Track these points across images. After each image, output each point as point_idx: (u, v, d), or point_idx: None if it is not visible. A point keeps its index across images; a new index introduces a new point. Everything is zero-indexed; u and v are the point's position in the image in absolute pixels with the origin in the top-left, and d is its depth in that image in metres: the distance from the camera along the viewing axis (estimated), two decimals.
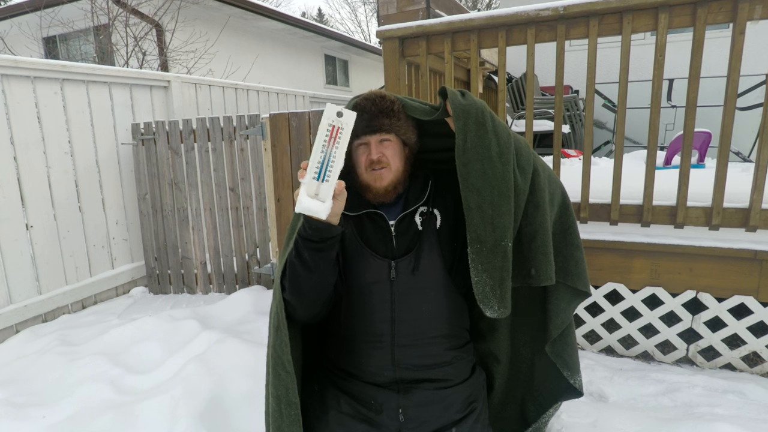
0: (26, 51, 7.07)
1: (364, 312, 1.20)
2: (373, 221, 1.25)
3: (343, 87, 10.91)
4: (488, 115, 1.15)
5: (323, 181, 0.90)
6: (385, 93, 1.24)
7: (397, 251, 1.22)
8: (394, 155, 1.23)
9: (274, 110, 4.96)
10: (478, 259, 1.12)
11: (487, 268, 1.12)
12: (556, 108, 2.09)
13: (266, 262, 3.18)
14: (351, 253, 1.22)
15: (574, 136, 4.87)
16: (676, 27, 1.86)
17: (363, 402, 1.18)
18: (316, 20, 22.99)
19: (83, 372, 2.05)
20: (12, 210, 2.65)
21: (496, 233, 1.11)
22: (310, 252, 1.04)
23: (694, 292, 1.96)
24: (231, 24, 7.44)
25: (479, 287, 1.12)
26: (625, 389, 1.84)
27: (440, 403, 1.19)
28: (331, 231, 1.02)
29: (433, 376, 1.20)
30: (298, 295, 1.09)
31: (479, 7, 18.64)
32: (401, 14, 3.16)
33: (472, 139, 1.12)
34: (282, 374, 1.09)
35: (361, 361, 1.20)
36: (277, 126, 2.93)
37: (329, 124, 0.89)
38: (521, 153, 1.19)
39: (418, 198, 1.27)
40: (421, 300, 1.20)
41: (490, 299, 1.13)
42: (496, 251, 1.12)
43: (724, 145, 1.87)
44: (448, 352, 1.23)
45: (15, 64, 2.64)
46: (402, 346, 1.18)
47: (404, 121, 1.24)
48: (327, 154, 0.89)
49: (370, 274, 1.20)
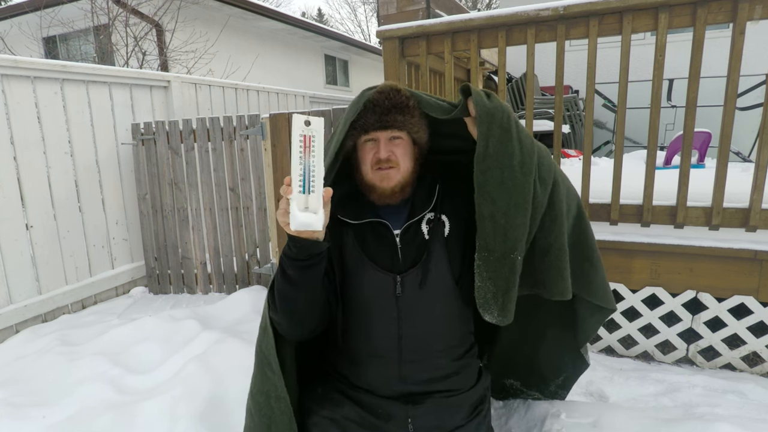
0: (26, 51, 7.07)
1: (368, 328, 1.14)
2: (375, 231, 1.17)
3: (343, 87, 10.91)
4: (513, 120, 1.07)
5: (310, 193, 0.88)
6: (400, 86, 1.15)
7: (403, 264, 1.14)
8: (404, 155, 1.15)
9: (274, 110, 4.96)
10: (484, 267, 1.06)
11: (492, 276, 1.06)
12: (556, 108, 2.09)
13: (266, 262, 3.18)
14: (351, 266, 1.14)
15: (574, 136, 4.88)
16: (676, 27, 1.86)
17: (369, 410, 1.14)
18: (316, 20, 22.99)
19: (83, 372, 2.05)
20: (12, 210, 2.65)
21: (507, 245, 1.05)
22: (296, 270, 0.97)
23: (694, 292, 1.96)
24: (231, 24, 7.44)
25: (481, 293, 1.08)
26: (625, 389, 1.84)
27: (449, 410, 1.17)
28: (319, 246, 0.96)
29: (441, 387, 1.17)
30: (288, 314, 1.03)
31: (479, 7, 18.64)
32: (401, 14, 3.16)
33: (495, 145, 1.04)
34: (269, 374, 1.06)
35: (367, 374, 1.16)
36: (277, 126, 2.93)
37: (300, 135, 0.87)
38: (543, 163, 1.11)
39: (425, 204, 1.19)
40: (428, 314, 1.14)
41: (491, 305, 1.08)
42: (504, 262, 1.06)
43: (724, 145, 1.87)
44: (456, 363, 1.19)
45: (15, 64, 2.64)
46: (410, 361, 1.14)
47: (418, 118, 1.15)
48: (306, 165, 0.88)
49: (372, 289, 1.13)
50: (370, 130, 1.12)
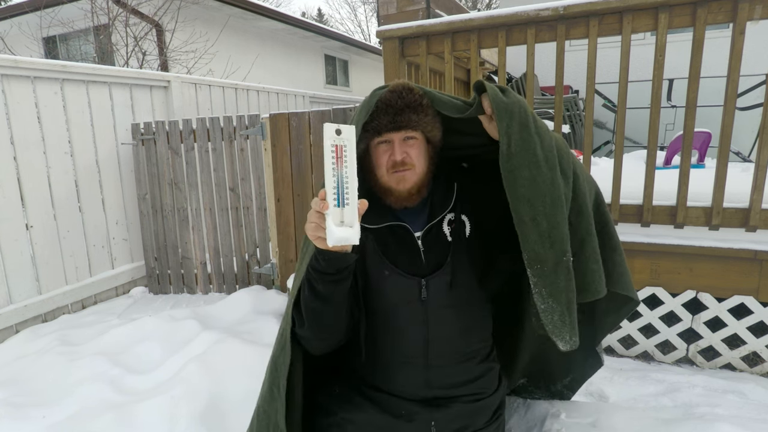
0: (26, 51, 7.07)
1: (394, 334, 1.12)
2: (396, 234, 1.13)
3: (343, 87, 10.91)
4: (530, 115, 1.02)
5: (345, 206, 0.84)
6: (412, 85, 1.11)
7: (427, 268, 1.11)
8: (419, 155, 1.11)
9: (274, 110, 4.96)
10: (541, 283, 0.98)
11: (552, 292, 0.99)
12: (556, 108, 2.09)
13: (266, 262, 3.18)
14: (374, 271, 1.11)
15: (574, 136, 4.87)
16: (676, 27, 1.86)
17: (391, 412, 1.11)
18: (316, 20, 22.98)
19: (83, 372, 2.05)
20: (12, 210, 2.65)
21: (555, 248, 0.97)
22: (326, 285, 0.95)
23: (694, 292, 1.96)
24: (231, 24, 7.44)
25: (548, 316, 1.00)
26: (625, 389, 1.84)
27: (472, 415, 1.16)
28: (348, 259, 0.93)
29: (467, 392, 1.15)
30: (317, 330, 1.01)
31: (479, 7, 18.64)
32: (401, 14, 3.16)
33: (517, 143, 0.98)
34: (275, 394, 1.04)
35: (391, 378, 1.14)
36: (277, 126, 2.93)
37: (332, 145, 0.83)
38: (562, 155, 1.05)
39: (443, 204, 1.15)
40: (455, 318, 1.12)
41: (561, 329, 1.01)
42: (558, 270, 0.98)
43: (724, 145, 1.87)
44: (480, 366, 1.18)
45: (15, 64, 2.64)
46: (436, 366, 1.11)
47: (431, 117, 1.11)
48: (339, 177, 0.83)
49: (398, 294, 1.10)
50: (384, 131, 1.09)
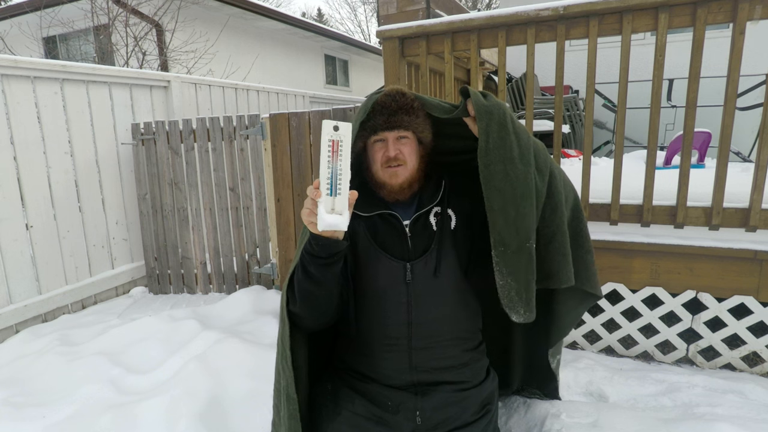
0: (26, 51, 7.07)
1: (379, 315, 1.20)
2: (386, 222, 1.25)
3: (343, 87, 10.91)
4: (509, 116, 1.15)
5: (336, 195, 0.93)
6: (405, 90, 1.24)
7: (413, 253, 1.21)
8: (410, 153, 1.23)
9: (274, 110, 4.96)
10: (503, 263, 1.11)
11: (512, 271, 1.11)
12: (556, 108, 2.09)
13: (266, 262, 3.18)
14: (364, 255, 1.21)
15: (574, 136, 4.87)
16: (676, 27, 1.86)
17: (378, 403, 1.19)
18: (316, 20, 22.99)
19: (83, 372, 2.05)
20: (12, 210, 2.65)
21: (520, 235, 1.11)
22: (317, 267, 1.03)
23: (694, 292, 1.96)
24: (231, 24, 7.44)
25: (505, 291, 1.12)
26: (625, 389, 1.84)
27: (458, 404, 1.20)
28: (339, 246, 1.02)
29: (451, 378, 1.21)
30: (308, 307, 1.10)
31: (479, 7, 18.64)
32: (401, 14, 3.16)
33: (494, 140, 1.11)
34: (285, 368, 1.10)
35: (377, 364, 1.21)
36: (277, 126, 2.93)
37: (329, 140, 0.91)
38: (539, 155, 1.18)
39: (432, 198, 1.27)
40: (437, 302, 1.20)
41: (516, 303, 1.13)
42: (520, 253, 1.11)
43: (724, 145, 1.87)
44: (465, 354, 1.24)
45: (15, 64, 2.64)
46: (419, 348, 1.19)
47: (422, 119, 1.24)
48: (333, 169, 0.92)
49: (384, 277, 1.20)
50: (379, 130, 1.20)
